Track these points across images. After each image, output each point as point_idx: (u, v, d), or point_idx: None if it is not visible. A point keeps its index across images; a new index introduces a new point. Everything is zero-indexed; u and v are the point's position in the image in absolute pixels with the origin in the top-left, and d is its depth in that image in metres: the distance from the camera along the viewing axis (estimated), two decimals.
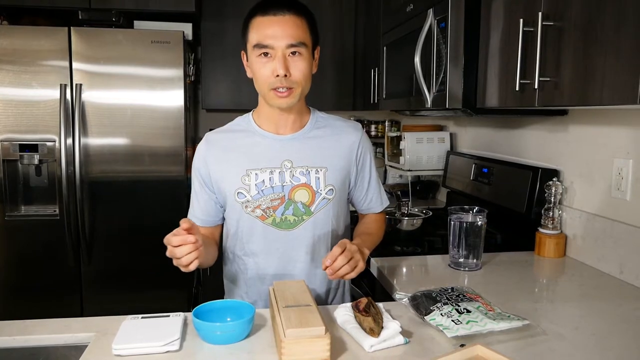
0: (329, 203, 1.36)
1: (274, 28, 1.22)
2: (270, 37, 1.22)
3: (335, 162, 1.37)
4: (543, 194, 1.76)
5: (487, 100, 1.57)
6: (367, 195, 1.48)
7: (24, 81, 2.51)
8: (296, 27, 1.23)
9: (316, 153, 1.35)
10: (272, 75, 1.23)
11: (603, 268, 1.58)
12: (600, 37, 1.08)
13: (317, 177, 1.34)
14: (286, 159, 1.33)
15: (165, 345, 1.03)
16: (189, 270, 1.13)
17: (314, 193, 1.34)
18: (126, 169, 2.65)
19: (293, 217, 1.33)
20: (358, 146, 1.42)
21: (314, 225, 1.35)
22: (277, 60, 1.22)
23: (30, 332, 1.14)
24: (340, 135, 1.40)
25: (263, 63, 1.24)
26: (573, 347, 1.08)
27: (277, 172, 1.32)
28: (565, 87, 1.19)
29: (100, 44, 2.56)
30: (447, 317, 1.12)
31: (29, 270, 2.62)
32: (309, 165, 1.34)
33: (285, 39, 1.22)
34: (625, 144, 1.53)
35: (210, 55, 3.16)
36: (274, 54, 1.23)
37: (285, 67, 1.22)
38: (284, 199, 1.32)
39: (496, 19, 1.51)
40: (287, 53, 1.23)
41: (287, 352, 0.96)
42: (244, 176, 1.32)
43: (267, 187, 1.31)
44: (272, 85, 1.25)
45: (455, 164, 2.49)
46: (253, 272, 1.39)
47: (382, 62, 2.34)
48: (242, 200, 1.32)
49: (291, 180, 1.32)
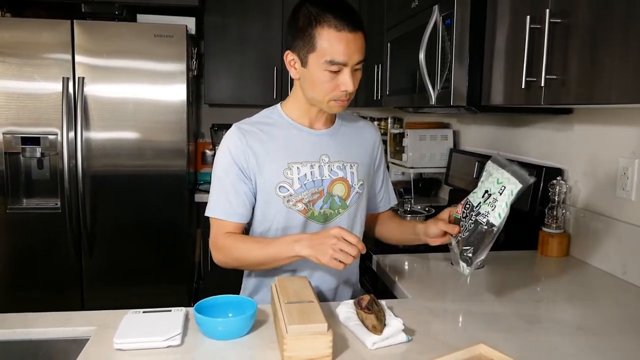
0: (360, 197, 1.39)
1: (351, 47, 1.19)
2: (346, 55, 1.20)
3: (363, 158, 1.41)
4: (547, 193, 1.75)
5: (492, 98, 1.56)
6: (380, 194, 1.52)
7: (27, 74, 2.51)
8: (363, 43, 1.23)
9: (348, 148, 1.38)
10: (338, 89, 1.23)
11: (606, 268, 1.58)
12: (608, 35, 1.07)
13: (351, 172, 1.36)
14: (323, 154, 1.34)
15: (166, 340, 1.02)
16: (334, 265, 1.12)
17: (349, 187, 1.36)
18: (128, 163, 2.64)
19: (330, 210, 1.34)
20: (377, 144, 1.47)
21: (348, 218, 1.37)
22: (347, 76, 1.22)
23: (31, 325, 1.13)
24: (364, 133, 1.45)
25: (331, 77, 1.22)
26: (575, 347, 1.07)
27: (316, 166, 1.32)
28: (572, 86, 1.18)
29: (103, 37, 2.55)
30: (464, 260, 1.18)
31: (30, 264, 2.63)
32: (344, 160, 1.36)
33: (356, 58, 1.21)
34: (630, 143, 1.52)
35: (213, 50, 3.15)
36: (342, 69, 1.22)
37: (354, 83, 1.24)
38: (323, 193, 1.33)
39: (502, 16, 1.50)
40: (354, 68, 1.23)
41: (289, 348, 0.95)
42: (286, 169, 1.30)
43: (309, 180, 1.31)
44: (335, 97, 1.25)
45: (458, 162, 2.48)
46: (290, 267, 1.34)
47: (386, 58, 2.33)
48: (284, 194, 1.30)
49: (329, 175, 1.33)
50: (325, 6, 1.20)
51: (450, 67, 1.65)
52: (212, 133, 3.33)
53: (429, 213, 2.10)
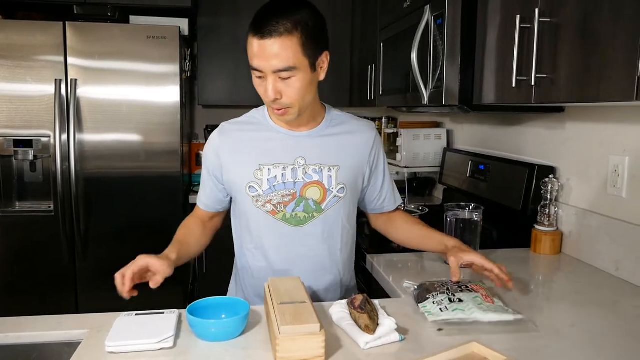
0: (340, 201, 1.36)
1: (260, 53, 1.16)
2: (258, 61, 1.18)
3: (348, 160, 1.37)
4: (539, 191, 1.76)
5: (483, 97, 1.57)
6: (381, 195, 1.48)
7: (19, 76, 2.50)
8: (284, 50, 1.15)
9: (329, 151, 1.35)
10: (265, 96, 1.22)
11: (599, 265, 1.59)
12: (597, 33, 1.08)
13: (329, 175, 1.34)
14: (300, 156, 1.33)
15: (159, 343, 1.02)
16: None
17: (325, 191, 1.34)
18: (122, 165, 2.64)
19: (304, 213, 1.33)
20: (372, 146, 1.42)
21: (324, 223, 1.35)
22: (268, 83, 1.19)
23: (23, 329, 1.13)
24: (355, 135, 1.40)
25: (259, 83, 1.23)
26: (569, 344, 1.08)
27: (290, 168, 1.32)
28: (562, 84, 1.19)
29: (95, 39, 2.54)
30: (437, 305, 1.16)
31: (24, 267, 2.61)
32: (322, 163, 1.34)
33: (271, 66, 1.16)
34: (621, 141, 1.53)
35: (206, 51, 3.15)
36: (265, 76, 1.20)
37: (276, 92, 1.19)
38: (295, 196, 1.32)
39: (493, 16, 1.50)
40: (277, 77, 1.19)
41: (281, 349, 0.95)
42: (257, 170, 1.31)
43: (279, 182, 1.31)
44: (268, 105, 1.26)
45: (451, 161, 2.48)
46: (261, 266, 1.38)
47: (379, 58, 2.33)
48: (253, 194, 1.32)
49: (303, 178, 1.32)
50: (256, 12, 1.21)
51: (442, 66, 1.65)
52: (206, 134, 3.33)
53: (423, 212, 2.11)
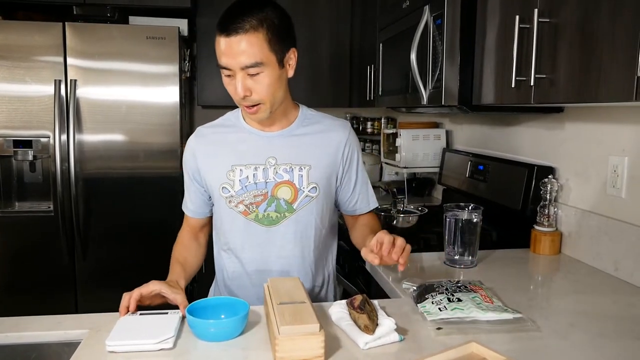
0: (312, 201, 1.35)
1: (227, 50, 1.17)
2: (226, 59, 1.19)
3: (320, 160, 1.35)
4: (538, 191, 1.76)
5: (483, 97, 1.57)
6: (354, 196, 1.45)
7: (18, 76, 2.50)
8: (250, 46, 1.16)
9: (301, 151, 1.34)
10: (235, 94, 1.22)
11: (598, 265, 1.59)
12: (596, 33, 1.08)
13: (300, 175, 1.33)
14: (271, 156, 1.33)
15: (159, 343, 1.02)
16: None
17: (296, 190, 1.34)
18: (121, 166, 2.64)
19: (275, 213, 1.33)
20: (345, 145, 1.39)
21: (296, 222, 1.35)
22: (237, 80, 1.20)
23: (23, 329, 1.13)
24: (328, 133, 1.38)
25: (228, 81, 1.23)
26: (568, 344, 1.08)
27: (261, 168, 1.32)
28: (561, 84, 1.19)
29: (95, 40, 2.54)
30: (436, 305, 1.17)
31: (23, 267, 2.61)
32: (292, 163, 1.33)
33: (239, 62, 1.17)
34: (620, 141, 1.53)
35: (205, 52, 3.15)
36: (234, 74, 1.20)
37: (245, 88, 1.20)
38: (267, 196, 1.33)
39: (492, 16, 1.50)
40: (245, 73, 1.19)
41: (281, 349, 0.95)
42: (229, 171, 1.33)
43: (251, 183, 1.32)
44: (239, 103, 1.26)
45: (451, 161, 2.48)
46: (235, 267, 1.40)
47: (379, 58, 2.33)
48: (226, 195, 1.34)
49: (274, 177, 1.32)
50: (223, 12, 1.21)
51: (442, 67, 1.65)
52: None
53: (422, 212, 2.11)
